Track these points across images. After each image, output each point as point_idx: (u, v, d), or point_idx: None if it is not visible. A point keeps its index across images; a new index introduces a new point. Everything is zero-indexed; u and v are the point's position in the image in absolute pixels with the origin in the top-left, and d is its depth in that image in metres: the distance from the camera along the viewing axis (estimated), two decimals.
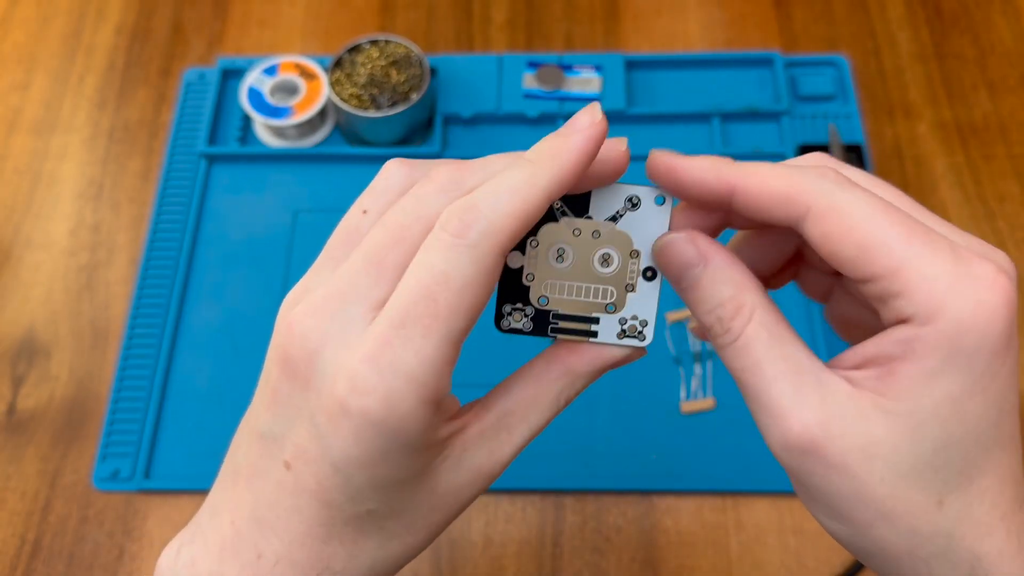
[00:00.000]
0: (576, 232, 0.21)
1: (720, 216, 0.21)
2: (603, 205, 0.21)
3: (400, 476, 0.19)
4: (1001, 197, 0.49)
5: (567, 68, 0.52)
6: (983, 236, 0.48)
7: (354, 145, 0.51)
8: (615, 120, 0.51)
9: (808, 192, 0.18)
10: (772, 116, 0.51)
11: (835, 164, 0.20)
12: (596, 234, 0.21)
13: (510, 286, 0.22)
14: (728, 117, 0.51)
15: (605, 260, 0.21)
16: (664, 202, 0.21)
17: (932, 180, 0.50)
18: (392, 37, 0.50)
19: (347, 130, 0.51)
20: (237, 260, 0.47)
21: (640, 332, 0.22)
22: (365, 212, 0.20)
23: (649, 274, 0.21)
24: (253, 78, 0.50)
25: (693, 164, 0.20)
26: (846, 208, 0.18)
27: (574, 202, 0.21)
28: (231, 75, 0.54)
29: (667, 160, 0.20)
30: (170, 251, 0.48)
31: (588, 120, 0.19)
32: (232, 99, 0.53)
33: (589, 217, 0.21)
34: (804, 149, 0.49)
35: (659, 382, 0.43)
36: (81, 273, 0.48)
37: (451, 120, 0.51)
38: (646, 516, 0.41)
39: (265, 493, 0.20)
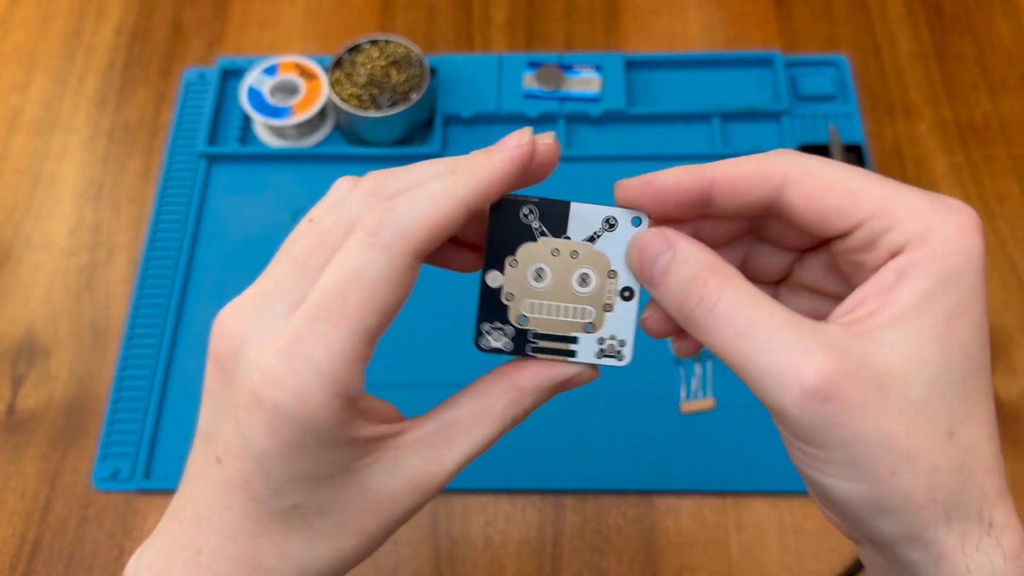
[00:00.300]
0: (555, 252, 0.22)
1: (691, 227, 0.22)
2: (582, 226, 0.22)
3: (320, 471, 0.19)
4: (1001, 197, 0.49)
5: (567, 68, 0.52)
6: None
7: (354, 145, 0.51)
8: (615, 120, 0.51)
9: (782, 164, 0.20)
10: (772, 116, 0.51)
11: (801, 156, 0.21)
12: (575, 254, 0.22)
13: (489, 305, 0.22)
14: (728, 117, 0.51)
15: (583, 280, 0.22)
16: (641, 223, 0.22)
17: (932, 180, 0.50)
18: (392, 37, 0.50)
19: (347, 130, 0.51)
20: (237, 260, 0.47)
21: (618, 352, 0.22)
22: (310, 221, 0.21)
23: (627, 294, 0.22)
24: (253, 78, 0.50)
25: (667, 173, 0.21)
26: (821, 170, 0.19)
27: (553, 222, 0.22)
28: (231, 75, 0.54)
29: (638, 180, 0.21)
30: (170, 251, 0.48)
31: (515, 142, 0.20)
32: (232, 99, 0.53)
33: (568, 237, 0.22)
34: (804, 149, 0.49)
35: (659, 382, 0.43)
36: (81, 273, 0.48)
37: (451, 120, 0.51)
38: (646, 516, 0.41)
39: (204, 490, 0.21)
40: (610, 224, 0.22)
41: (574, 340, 0.22)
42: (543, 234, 0.22)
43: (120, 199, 0.51)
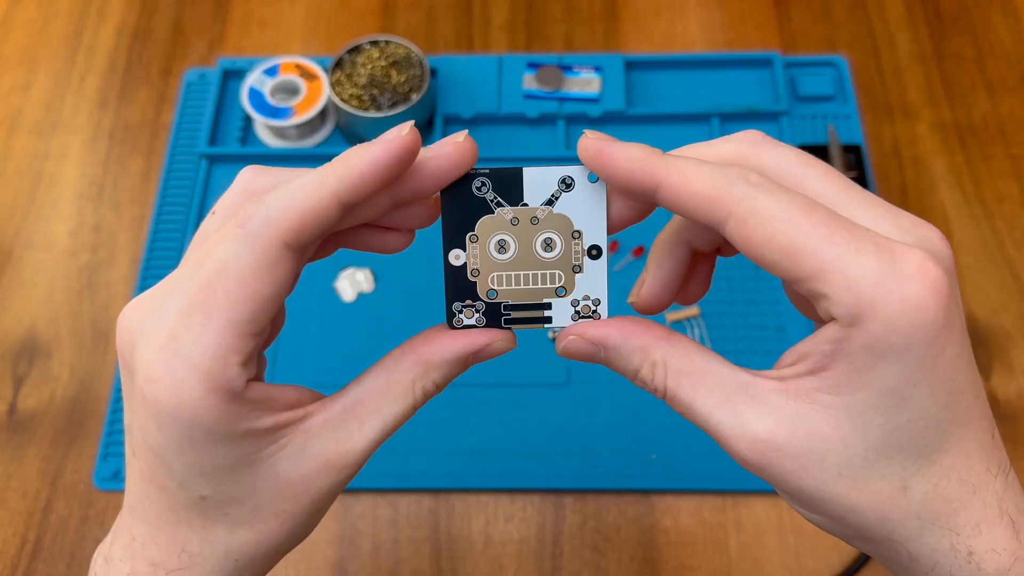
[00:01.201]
0: (514, 221, 0.21)
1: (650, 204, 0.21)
2: (537, 190, 0.21)
3: (220, 463, 0.19)
4: (1000, 197, 0.50)
5: (567, 69, 0.52)
6: (982, 237, 0.48)
7: (354, 145, 0.51)
8: (615, 120, 0.51)
9: (729, 197, 0.18)
10: (771, 116, 0.51)
11: (761, 147, 0.21)
12: (535, 220, 0.21)
13: (456, 284, 0.22)
14: (727, 117, 0.51)
15: (548, 245, 0.21)
16: (598, 178, 0.21)
17: (931, 180, 0.50)
18: (392, 38, 0.50)
19: (348, 130, 0.51)
20: None
21: (594, 311, 0.22)
22: (213, 213, 0.21)
23: (594, 252, 0.21)
24: (254, 79, 0.51)
25: (621, 153, 0.20)
26: (766, 212, 0.18)
27: (508, 191, 0.21)
28: (232, 76, 0.54)
29: (597, 144, 0.20)
30: (171, 251, 0.48)
31: (394, 134, 0.20)
32: (233, 100, 0.53)
33: (525, 204, 0.21)
34: (803, 149, 0.49)
35: None
36: (82, 273, 0.48)
37: (451, 120, 0.51)
38: (646, 515, 0.41)
39: (130, 481, 0.21)
40: (567, 184, 0.21)
41: (548, 306, 0.22)
42: (499, 204, 0.21)
43: (121, 199, 0.51)
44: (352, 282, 0.46)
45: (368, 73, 0.48)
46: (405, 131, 0.20)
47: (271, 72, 0.51)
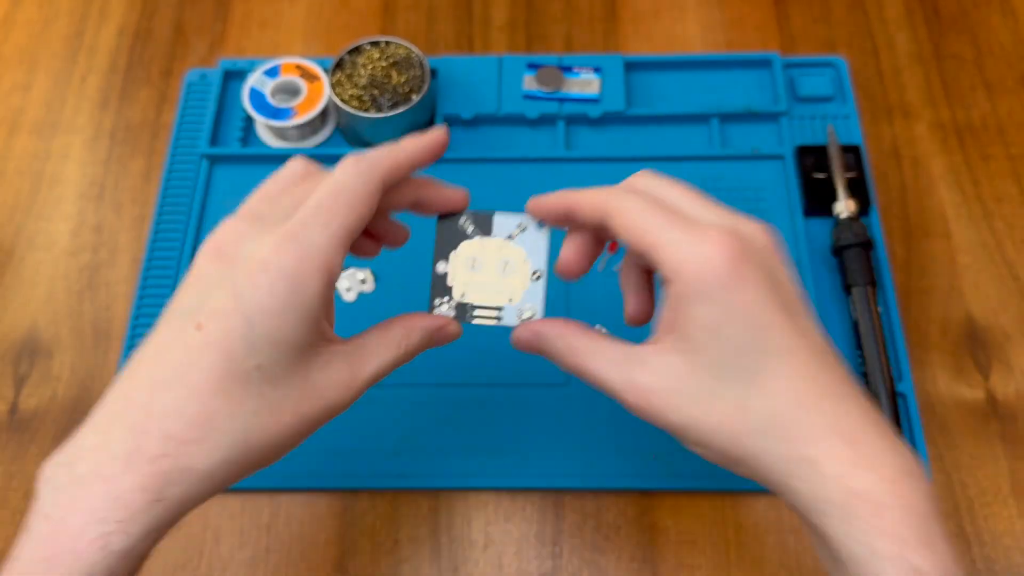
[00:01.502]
0: (484, 245, 0.31)
1: (592, 234, 0.30)
2: (502, 229, 0.31)
3: (291, 339, 0.25)
4: (999, 197, 0.50)
5: (567, 70, 0.52)
6: (981, 237, 0.48)
7: (355, 146, 0.51)
8: (614, 121, 0.51)
9: (608, 201, 0.27)
10: (771, 117, 0.51)
11: (642, 176, 0.28)
12: (499, 247, 0.31)
13: (439, 286, 0.31)
14: (726, 118, 0.51)
15: (505, 266, 0.31)
16: (543, 227, 0.31)
17: (930, 180, 0.50)
18: (393, 39, 0.50)
19: (348, 131, 0.51)
20: None
21: (532, 316, 0.30)
22: (275, 183, 0.29)
23: (536, 276, 0.30)
24: (255, 79, 0.51)
25: (549, 197, 0.29)
26: (629, 208, 0.26)
27: (482, 226, 0.31)
28: (232, 76, 0.54)
29: (532, 201, 0.30)
30: (172, 251, 0.48)
31: (434, 131, 0.30)
32: (234, 100, 0.53)
33: (493, 237, 0.31)
34: (802, 150, 0.49)
35: None
36: (83, 273, 0.49)
37: (452, 121, 0.51)
38: (645, 515, 0.41)
39: (169, 358, 0.25)
40: (522, 228, 0.31)
41: (501, 309, 0.30)
42: (475, 235, 0.31)
43: (122, 200, 0.51)
44: (353, 282, 0.47)
45: (369, 74, 0.49)
46: (442, 130, 0.30)
47: (272, 73, 0.51)
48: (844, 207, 0.46)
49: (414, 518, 0.41)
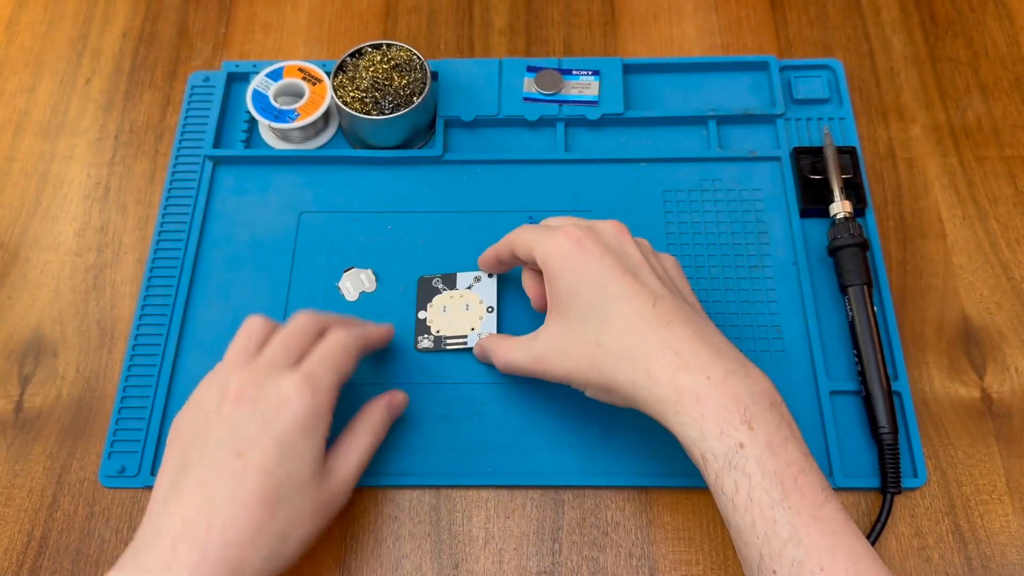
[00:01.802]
0: (451, 296, 0.45)
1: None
2: (463, 282, 0.45)
3: (309, 451, 0.33)
4: (994, 198, 0.50)
5: (566, 72, 0.53)
6: (976, 237, 0.49)
7: (357, 148, 0.52)
8: (613, 123, 0.52)
9: (509, 238, 0.40)
10: (767, 119, 0.52)
11: (550, 219, 0.41)
12: (461, 295, 0.45)
13: (420, 326, 0.45)
14: (724, 120, 0.52)
15: (467, 307, 0.45)
16: (492, 277, 0.45)
17: (925, 182, 0.51)
18: (394, 42, 0.51)
19: (350, 133, 0.52)
20: (242, 260, 0.48)
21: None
22: (250, 340, 0.37)
23: (489, 310, 0.44)
24: (258, 82, 0.51)
25: (483, 256, 0.43)
26: (518, 236, 0.39)
27: (449, 282, 0.45)
28: (236, 79, 0.54)
29: (481, 258, 0.44)
30: (176, 252, 0.48)
31: (386, 329, 0.42)
32: (237, 102, 0.54)
33: (457, 288, 0.45)
34: (799, 152, 0.50)
35: None
36: (88, 273, 0.49)
37: (452, 123, 0.52)
38: (644, 511, 0.41)
39: (218, 483, 0.31)
40: (477, 279, 0.45)
41: (466, 337, 0.44)
42: (445, 289, 0.45)
43: (126, 200, 0.52)
44: (355, 282, 0.47)
45: (370, 76, 0.49)
46: (391, 328, 0.43)
47: (275, 75, 0.52)
48: (840, 208, 0.46)
49: (415, 514, 0.41)
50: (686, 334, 0.32)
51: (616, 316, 0.33)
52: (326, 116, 0.52)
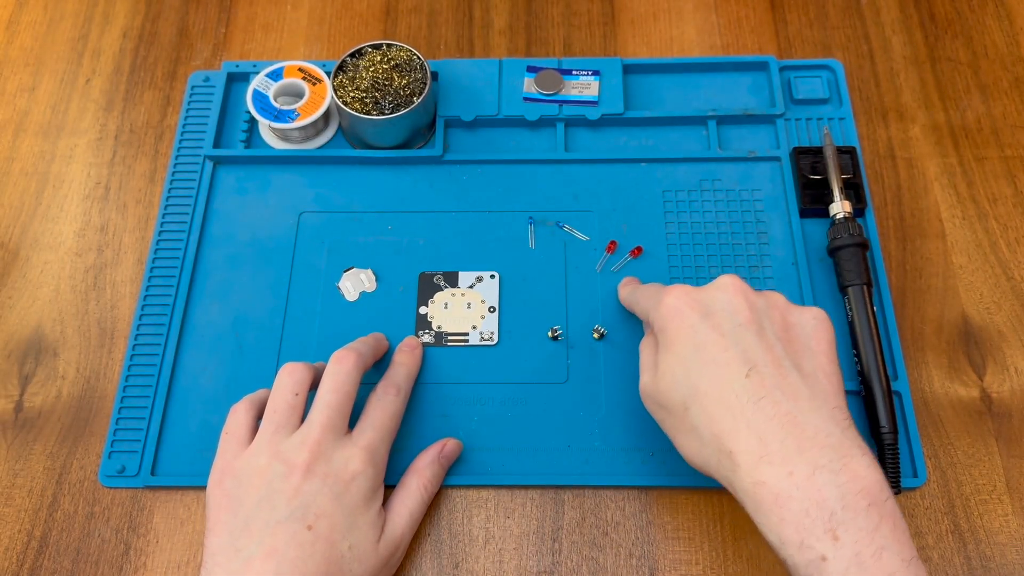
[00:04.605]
0: (453, 294, 0.45)
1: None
2: (465, 281, 0.46)
3: (371, 520, 0.36)
4: (993, 198, 0.50)
5: (566, 73, 0.53)
6: (975, 237, 0.49)
7: (357, 148, 0.52)
8: (613, 123, 0.52)
9: (625, 293, 0.44)
10: (767, 119, 0.52)
11: (635, 281, 0.44)
12: (463, 294, 0.45)
13: (422, 322, 0.45)
14: (724, 120, 0.52)
15: (468, 305, 0.45)
16: (494, 277, 0.45)
17: (925, 182, 0.51)
18: (394, 42, 0.51)
19: (350, 133, 0.52)
20: (242, 260, 0.48)
21: (491, 337, 0.44)
22: (296, 395, 0.38)
23: (491, 310, 0.45)
24: (258, 82, 0.51)
25: (625, 296, 0.45)
26: (630, 294, 0.42)
27: (451, 280, 0.45)
28: (236, 79, 0.54)
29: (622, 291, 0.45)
30: (176, 252, 0.48)
31: (381, 342, 0.44)
32: (237, 102, 0.54)
33: (459, 286, 0.45)
34: (799, 152, 0.50)
35: None
36: (88, 273, 0.49)
37: (452, 123, 0.52)
38: (644, 511, 0.41)
39: (287, 556, 0.33)
40: (479, 279, 0.46)
41: (467, 334, 0.44)
42: (447, 287, 0.46)
43: (127, 200, 0.52)
44: (355, 282, 0.47)
45: (371, 76, 0.49)
46: (381, 340, 0.44)
47: (275, 75, 0.52)
48: (840, 208, 0.46)
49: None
50: (776, 414, 0.29)
51: (706, 383, 0.32)
52: (326, 116, 0.52)
